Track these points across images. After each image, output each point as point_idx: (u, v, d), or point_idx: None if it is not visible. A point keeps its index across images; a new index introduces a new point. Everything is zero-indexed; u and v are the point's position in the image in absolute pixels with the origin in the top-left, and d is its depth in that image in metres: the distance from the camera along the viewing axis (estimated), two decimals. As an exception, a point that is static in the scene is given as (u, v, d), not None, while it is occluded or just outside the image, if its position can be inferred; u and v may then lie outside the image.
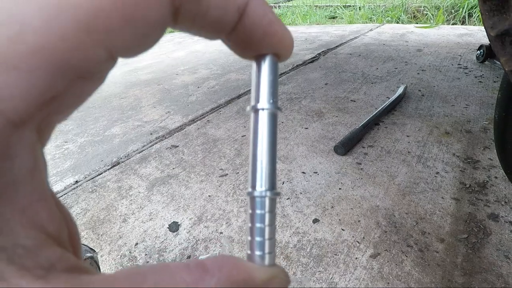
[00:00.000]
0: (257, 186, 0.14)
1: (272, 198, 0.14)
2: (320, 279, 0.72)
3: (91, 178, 1.14)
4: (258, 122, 0.14)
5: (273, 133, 0.14)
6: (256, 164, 0.14)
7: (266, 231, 0.14)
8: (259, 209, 0.14)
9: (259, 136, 0.14)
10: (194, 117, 1.57)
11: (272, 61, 0.14)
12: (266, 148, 0.14)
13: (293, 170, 1.10)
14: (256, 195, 0.14)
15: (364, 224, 0.86)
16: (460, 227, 0.83)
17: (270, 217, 0.14)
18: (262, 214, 0.14)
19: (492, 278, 0.69)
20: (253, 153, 0.14)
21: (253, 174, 0.14)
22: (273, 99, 0.14)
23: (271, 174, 0.14)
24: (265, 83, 0.14)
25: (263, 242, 0.14)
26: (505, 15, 0.41)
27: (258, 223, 0.14)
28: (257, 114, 0.14)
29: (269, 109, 0.14)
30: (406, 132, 1.29)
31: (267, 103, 0.14)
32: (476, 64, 2.05)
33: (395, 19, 4.00)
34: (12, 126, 0.09)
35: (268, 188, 0.14)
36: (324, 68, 2.17)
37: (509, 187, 0.94)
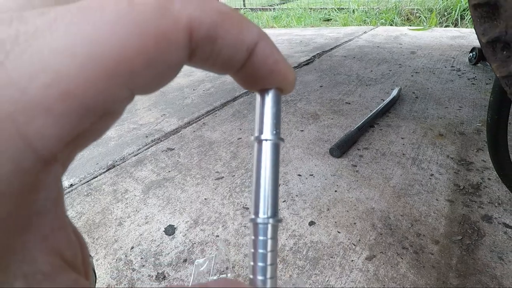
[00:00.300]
0: (260, 213, 0.14)
1: (274, 225, 0.14)
2: (316, 282, 0.72)
3: (86, 181, 1.13)
4: (262, 152, 0.15)
5: (276, 163, 0.15)
6: (259, 192, 0.14)
7: (268, 256, 0.14)
8: (261, 235, 0.14)
9: (262, 165, 0.15)
10: (189, 120, 1.57)
11: (276, 95, 0.15)
12: (269, 177, 0.14)
13: (289, 173, 1.11)
14: (259, 222, 0.14)
15: (360, 227, 0.86)
16: (454, 229, 0.84)
17: (272, 243, 0.14)
18: (265, 240, 0.14)
19: (486, 280, 0.70)
20: (256, 181, 0.15)
21: (256, 201, 0.15)
22: (276, 130, 0.15)
23: (274, 201, 0.15)
24: (269, 115, 0.15)
25: (265, 267, 0.14)
26: (495, 21, 0.42)
27: (260, 249, 0.14)
28: (261, 145, 0.15)
29: (272, 140, 0.15)
30: (401, 134, 1.30)
31: (271, 134, 0.15)
32: (469, 66, 2.07)
33: (389, 22, 4.03)
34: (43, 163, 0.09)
35: (271, 216, 0.14)
36: (319, 71, 2.18)
37: (502, 188, 0.95)
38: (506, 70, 0.42)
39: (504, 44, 0.42)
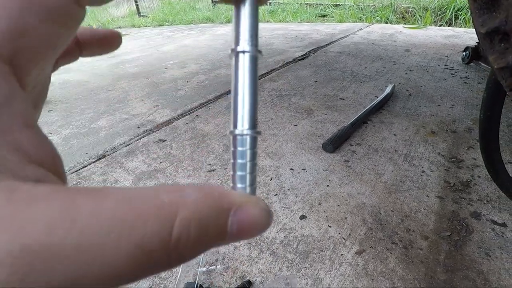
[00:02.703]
0: (238, 125, 0.14)
1: (253, 136, 0.14)
2: (305, 275, 0.72)
3: (75, 170, 1.12)
4: (239, 64, 0.14)
5: (254, 75, 0.14)
6: (237, 105, 0.14)
7: (247, 166, 0.14)
8: (240, 146, 0.14)
9: (240, 78, 0.14)
10: (182, 112, 1.55)
11: (252, 5, 0.14)
12: (248, 90, 0.14)
13: (281, 167, 1.10)
14: (237, 134, 0.14)
15: (351, 221, 0.86)
16: (443, 225, 0.84)
17: (251, 154, 0.15)
18: (244, 151, 0.14)
19: (473, 275, 0.71)
20: (234, 95, 0.14)
21: (235, 114, 0.14)
22: (254, 41, 0.14)
23: (252, 114, 0.14)
24: (246, 26, 0.14)
25: (245, 176, 0.14)
26: (495, 13, 0.41)
27: (239, 159, 0.14)
28: (238, 57, 0.14)
29: (250, 51, 0.14)
30: (394, 131, 1.31)
31: (248, 45, 0.14)
32: (462, 65, 2.09)
33: (384, 19, 4.04)
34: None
35: (249, 127, 0.14)
36: (314, 66, 2.18)
37: (491, 186, 0.96)
38: (503, 62, 0.42)
39: (502, 36, 0.42)
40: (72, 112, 1.62)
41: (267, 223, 0.13)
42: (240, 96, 0.14)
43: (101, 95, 1.85)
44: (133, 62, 2.55)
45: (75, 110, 1.65)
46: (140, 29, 5.52)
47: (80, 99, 1.80)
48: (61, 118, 1.56)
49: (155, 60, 2.57)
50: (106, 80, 2.12)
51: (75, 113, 1.62)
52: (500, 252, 0.76)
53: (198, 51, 2.79)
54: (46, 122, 1.52)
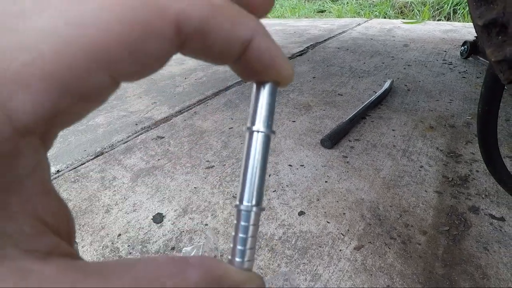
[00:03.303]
0: (244, 200, 0.15)
1: (257, 212, 0.15)
2: (304, 270, 0.72)
3: (73, 167, 1.11)
4: (252, 143, 0.15)
5: (265, 154, 0.15)
6: (246, 180, 0.15)
7: (248, 241, 0.15)
8: (243, 221, 0.15)
9: (252, 155, 0.15)
10: (181, 108, 1.55)
11: (272, 88, 0.15)
12: (258, 168, 0.15)
13: (280, 163, 1.10)
14: (242, 209, 0.15)
15: (349, 217, 0.87)
16: (442, 219, 0.85)
17: (253, 229, 0.15)
18: (246, 226, 0.15)
19: (471, 269, 0.71)
20: (244, 170, 0.15)
21: (242, 189, 0.15)
22: (269, 122, 0.15)
23: (259, 191, 0.15)
24: (263, 107, 0.15)
25: (244, 251, 0.15)
26: (492, 5, 0.41)
27: (241, 233, 0.15)
28: (252, 135, 0.15)
29: (264, 132, 0.15)
30: (392, 126, 1.31)
31: (263, 126, 0.15)
32: (460, 60, 2.09)
33: (382, 14, 4.03)
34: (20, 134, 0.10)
35: (255, 204, 0.15)
36: (312, 62, 2.17)
37: (489, 180, 0.96)
38: (501, 55, 0.42)
39: (500, 28, 0.41)
40: (69, 110, 1.62)
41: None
42: (250, 173, 0.15)
43: (98, 92, 1.84)
44: (130, 58, 2.54)
45: (73, 108, 1.64)
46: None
47: (77, 97, 1.79)
48: (59, 116, 1.55)
49: (153, 56, 2.56)
50: (104, 77, 2.11)
51: (73, 110, 1.61)
52: (498, 246, 0.76)
53: (196, 48, 2.78)
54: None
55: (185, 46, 0.12)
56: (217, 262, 0.13)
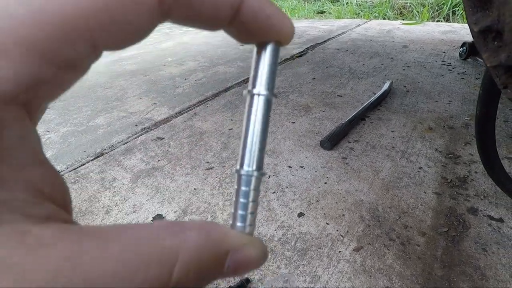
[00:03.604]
0: (245, 165, 0.15)
1: (258, 177, 0.15)
2: (303, 272, 0.73)
3: (73, 168, 1.12)
4: (253, 106, 0.15)
5: (266, 118, 0.15)
6: (247, 145, 0.15)
7: (249, 206, 0.15)
8: (244, 186, 0.15)
9: (252, 119, 0.15)
10: (180, 109, 1.55)
11: (273, 49, 0.15)
12: (258, 132, 0.15)
13: (279, 164, 1.10)
14: (243, 173, 0.15)
15: (348, 218, 0.87)
16: (440, 221, 0.85)
17: (254, 194, 0.15)
18: (247, 191, 0.15)
19: (470, 271, 0.72)
20: (245, 135, 0.15)
21: (243, 154, 0.15)
22: (270, 86, 0.15)
23: (260, 155, 0.15)
24: (265, 70, 0.15)
25: (245, 215, 0.15)
26: (488, 11, 0.42)
27: (242, 198, 0.15)
28: (253, 99, 0.15)
29: (266, 95, 0.15)
30: (391, 127, 1.31)
31: (264, 89, 0.15)
32: (459, 61, 2.09)
33: (382, 15, 4.03)
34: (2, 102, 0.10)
35: (256, 169, 0.15)
36: (311, 63, 2.18)
37: (488, 181, 0.97)
38: (496, 60, 0.42)
39: (495, 34, 0.42)
40: (69, 110, 1.62)
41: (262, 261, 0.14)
42: (250, 137, 0.15)
43: (98, 92, 1.84)
44: (131, 59, 2.54)
45: (73, 108, 1.64)
46: (137, 26, 5.47)
47: (77, 97, 1.79)
48: (59, 116, 1.55)
49: (153, 57, 2.57)
50: (104, 77, 2.11)
51: (73, 111, 1.61)
52: (497, 247, 0.77)
53: (196, 48, 2.78)
54: (43, 120, 1.52)
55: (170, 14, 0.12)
56: (216, 225, 0.13)
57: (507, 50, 0.41)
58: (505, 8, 0.39)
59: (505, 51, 0.41)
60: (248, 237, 0.14)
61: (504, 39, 0.41)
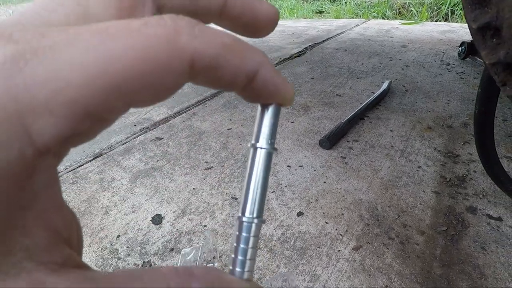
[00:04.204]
0: (246, 212, 0.16)
1: (258, 224, 0.16)
2: (303, 271, 0.73)
3: (72, 169, 1.11)
4: (256, 158, 0.16)
5: (267, 170, 0.16)
6: (249, 193, 0.16)
7: (249, 252, 0.16)
8: (245, 232, 0.16)
9: (254, 170, 0.16)
10: (179, 109, 1.55)
11: (275, 109, 0.16)
12: (260, 182, 0.16)
13: (278, 164, 1.10)
14: (244, 220, 0.16)
15: (348, 217, 0.87)
16: (440, 220, 0.85)
17: (253, 241, 0.16)
18: (247, 237, 0.16)
19: (469, 269, 0.72)
20: (247, 184, 0.16)
21: (245, 201, 0.16)
22: (272, 140, 0.16)
23: (261, 204, 0.16)
24: (266, 126, 0.16)
25: (245, 261, 0.16)
26: (486, 8, 0.42)
27: (242, 244, 0.16)
28: (256, 152, 0.16)
29: (267, 149, 0.16)
30: (390, 126, 1.31)
31: (266, 143, 0.16)
32: (458, 60, 2.09)
33: (380, 15, 4.04)
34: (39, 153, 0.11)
35: (256, 216, 0.16)
36: (310, 63, 2.18)
37: (487, 180, 0.97)
38: (495, 57, 0.42)
39: (494, 31, 0.42)
40: (68, 111, 1.62)
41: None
42: (252, 187, 0.16)
43: (97, 93, 1.84)
44: (129, 60, 2.54)
45: (71, 109, 1.64)
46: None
47: (76, 98, 1.79)
48: (57, 117, 1.55)
49: (151, 57, 2.56)
50: (102, 78, 2.11)
51: (71, 111, 1.61)
52: (495, 246, 0.77)
53: (194, 49, 2.78)
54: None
55: (196, 79, 0.13)
56: (221, 274, 0.14)
57: (506, 47, 0.41)
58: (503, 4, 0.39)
59: (504, 48, 0.41)
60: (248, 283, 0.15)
61: (503, 36, 0.41)
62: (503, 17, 0.39)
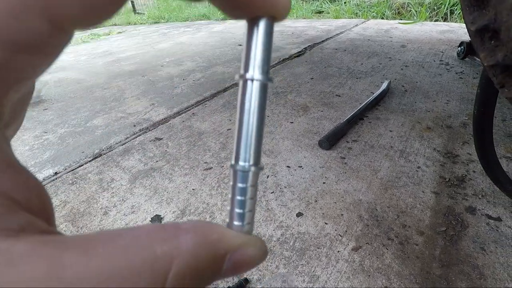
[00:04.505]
0: (241, 159, 0.13)
1: (255, 172, 0.14)
2: (302, 272, 0.73)
3: (71, 169, 1.11)
4: (247, 93, 0.13)
5: (262, 106, 0.13)
6: (242, 137, 0.13)
7: (247, 203, 0.14)
8: (241, 182, 0.14)
9: (247, 108, 0.13)
10: (179, 110, 1.55)
11: (267, 25, 0.13)
12: (254, 122, 0.13)
13: (278, 164, 1.10)
14: (239, 169, 0.13)
15: (347, 218, 0.87)
16: (439, 220, 0.85)
17: (251, 191, 0.14)
18: (244, 188, 0.14)
19: (468, 270, 0.72)
20: (239, 126, 0.13)
21: (238, 147, 0.13)
22: (265, 68, 0.13)
23: (257, 149, 0.13)
24: (258, 50, 0.13)
25: (243, 213, 0.14)
26: (484, 10, 0.42)
27: (239, 196, 0.14)
28: (246, 84, 0.13)
29: (260, 80, 0.13)
30: (390, 127, 1.31)
31: (259, 73, 0.13)
32: (457, 60, 2.09)
33: (380, 15, 4.04)
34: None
35: (253, 163, 0.13)
36: (310, 63, 2.18)
37: (486, 180, 0.97)
38: (493, 59, 0.42)
39: (492, 33, 0.42)
40: (67, 111, 1.62)
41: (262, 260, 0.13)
42: (245, 129, 0.13)
43: (96, 93, 1.84)
44: (129, 59, 2.53)
45: (71, 109, 1.64)
46: (135, 26, 5.48)
47: (75, 98, 1.79)
48: (57, 117, 1.55)
49: (151, 57, 2.56)
50: (102, 78, 2.10)
51: (71, 111, 1.61)
52: (495, 246, 0.77)
53: (194, 49, 2.78)
54: (41, 121, 1.51)
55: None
56: (213, 226, 0.12)
57: (504, 49, 0.41)
58: (501, 7, 0.39)
59: (502, 50, 0.41)
60: (247, 236, 0.13)
61: (501, 38, 0.41)
62: (501, 19, 0.39)
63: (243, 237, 0.13)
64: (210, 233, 0.12)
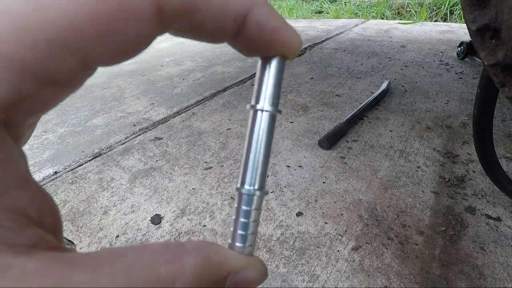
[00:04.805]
0: (246, 183, 0.14)
1: (260, 196, 0.14)
2: (302, 271, 0.73)
3: (71, 169, 1.11)
4: (256, 122, 0.14)
5: (270, 135, 0.14)
6: (249, 162, 0.14)
7: (250, 226, 0.14)
8: (245, 205, 0.14)
9: (255, 136, 0.14)
10: (179, 109, 1.55)
11: (279, 64, 0.14)
12: (261, 149, 0.14)
13: (277, 164, 1.10)
14: (244, 193, 0.14)
15: (347, 217, 0.87)
16: (439, 220, 0.85)
17: (255, 214, 0.14)
18: (248, 211, 0.14)
19: (467, 269, 0.72)
20: (247, 152, 0.14)
21: (244, 171, 0.14)
22: (275, 101, 0.14)
23: (262, 174, 0.14)
24: (269, 85, 0.14)
25: (245, 235, 0.14)
26: (485, 9, 0.42)
27: (242, 218, 0.14)
28: (256, 114, 0.14)
29: (270, 111, 0.14)
30: (389, 127, 1.31)
31: (269, 105, 0.14)
32: (457, 60, 2.10)
33: (379, 15, 4.04)
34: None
35: (258, 188, 0.14)
36: (310, 63, 2.18)
37: (486, 180, 0.97)
38: (494, 59, 0.42)
39: (493, 33, 0.42)
40: (67, 110, 1.61)
41: (262, 281, 0.14)
42: (253, 155, 0.14)
43: (96, 93, 1.84)
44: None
45: (70, 108, 1.64)
46: (135, 26, 5.47)
47: (75, 97, 1.79)
48: (57, 117, 1.55)
49: (151, 57, 2.56)
50: (101, 77, 2.10)
51: (70, 111, 1.61)
52: (494, 246, 0.77)
53: (194, 48, 2.78)
54: (41, 121, 1.51)
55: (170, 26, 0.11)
56: (216, 247, 0.13)
57: (505, 48, 0.41)
58: (502, 6, 0.39)
59: (503, 49, 0.41)
60: (248, 258, 0.14)
61: (502, 38, 0.41)
62: (502, 18, 0.39)
63: (245, 259, 0.14)
64: (213, 254, 0.12)
